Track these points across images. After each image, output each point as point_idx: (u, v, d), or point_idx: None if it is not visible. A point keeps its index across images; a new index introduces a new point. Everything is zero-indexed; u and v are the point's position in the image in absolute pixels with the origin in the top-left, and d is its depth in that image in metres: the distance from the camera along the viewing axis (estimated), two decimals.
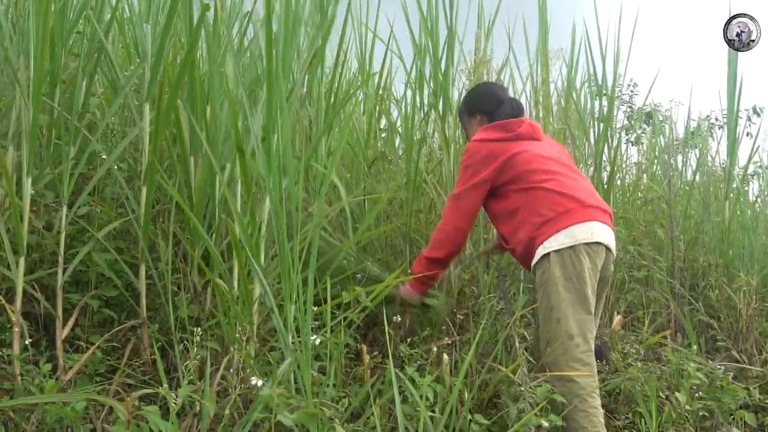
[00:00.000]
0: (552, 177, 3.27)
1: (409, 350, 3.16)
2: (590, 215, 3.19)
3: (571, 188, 3.25)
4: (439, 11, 4.27)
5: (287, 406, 2.45)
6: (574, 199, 3.20)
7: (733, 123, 5.36)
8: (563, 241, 3.13)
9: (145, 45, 3.23)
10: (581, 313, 3.08)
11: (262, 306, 2.99)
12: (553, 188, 3.23)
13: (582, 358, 3.04)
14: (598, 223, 3.19)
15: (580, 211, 3.18)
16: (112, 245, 3.18)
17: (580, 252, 3.12)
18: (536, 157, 3.35)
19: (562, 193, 3.21)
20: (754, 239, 5.29)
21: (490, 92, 3.70)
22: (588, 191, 3.32)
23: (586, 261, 3.12)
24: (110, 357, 3.04)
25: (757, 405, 3.83)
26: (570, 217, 3.16)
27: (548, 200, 3.21)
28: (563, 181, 3.26)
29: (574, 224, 3.15)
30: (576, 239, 3.13)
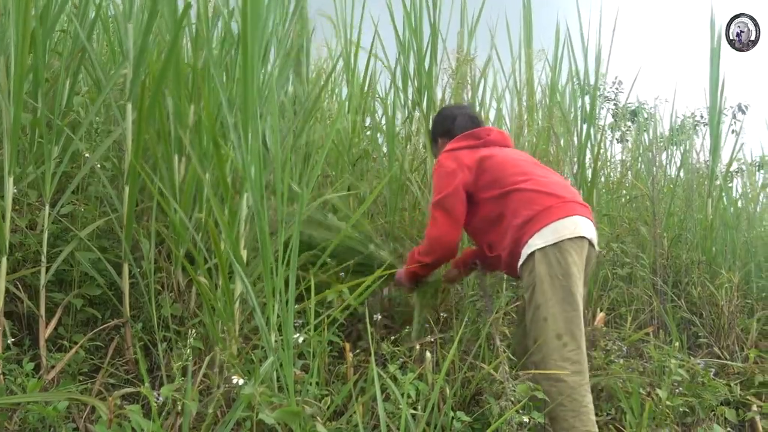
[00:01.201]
0: (527, 177, 3.28)
1: (392, 348, 3.17)
2: (572, 210, 3.18)
3: (547, 185, 3.25)
4: (422, 9, 4.29)
5: (269, 405, 2.45)
6: (554, 195, 3.21)
7: (715, 121, 5.40)
8: (548, 238, 3.12)
9: (127, 44, 3.23)
10: (569, 311, 3.06)
11: (245, 304, 3.00)
12: (531, 187, 3.24)
13: (570, 356, 3.02)
14: (579, 218, 3.19)
15: (561, 206, 3.18)
16: (96, 244, 3.19)
17: (565, 248, 3.10)
18: (508, 159, 3.39)
19: (540, 191, 3.22)
20: (736, 236, 5.33)
21: (444, 114, 3.78)
22: (564, 187, 3.33)
23: (572, 257, 3.10)
24: (93, 356, 3.05)
25: (738, 401, 3.86)
26: (552, 213, 3.16)
27: (527, 200, 3.22)
28: (538, 179, 3.28)
29: (557, 220, 3.14)
30: (560, 235, 3.11)
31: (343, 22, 4.63)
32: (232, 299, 2.87)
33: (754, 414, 3.69)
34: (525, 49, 4.77)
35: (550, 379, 2.99)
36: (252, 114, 2.66)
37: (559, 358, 3.02)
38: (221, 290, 2.85)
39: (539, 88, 5.26)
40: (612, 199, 5.68)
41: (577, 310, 3.08)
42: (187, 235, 3.04)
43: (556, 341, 3.03)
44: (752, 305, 4.91)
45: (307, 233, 3.57)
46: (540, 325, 3.08)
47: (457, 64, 4.35)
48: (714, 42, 5.40)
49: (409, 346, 3.30)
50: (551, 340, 3.04)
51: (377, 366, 2.68)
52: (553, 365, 3.01)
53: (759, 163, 7.45)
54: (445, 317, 3.70)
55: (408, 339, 3.44)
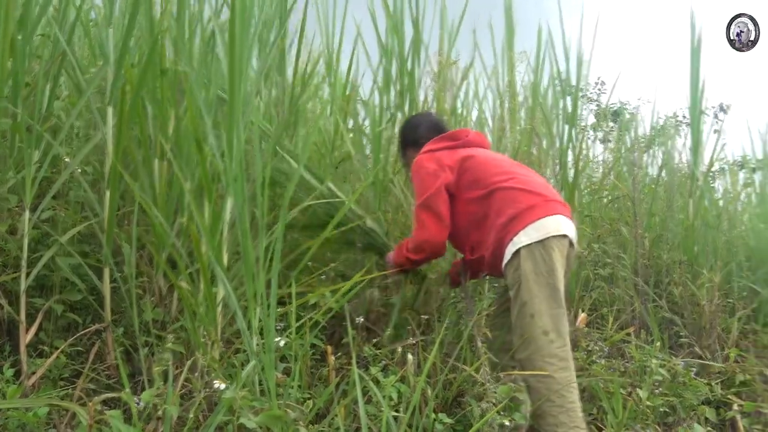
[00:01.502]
0: (510, 176, 3.30)
1: (374, 350, 3.17)
2: (555, 209, 3.21)
3: (530, 184, 3.28)
4: (405, 12, 4.31)
5: (251, 409, 2.45)
6: (536, 194, 3.23)
7: (696, 121, 5.43)
8: (533, 235, 3.14)
9: (107, 48, 3.22)
10: (554, 308, 3.09)
11: (227, 308, 3.00)
12: (514, 186, 3.26)
13: (558, 353, 3.04)
14: (561, 217, 3.22)
15: (544, 205, 3.20)
16: (77, 249, 3.17)
17: (550, 246, 3.13)
18: (488, 159, 3.42)
19: (524, 189, 3.24)
20: (717, 236, 5.36)
21: (409, 125, 3.83)
22: (545, 186, 3.35)
23: (557, 254, 3.13)
24: (74, 361, 3.04)
25: (719, 400, 3.89)
26: (536, 211, 3.18)
27: (510, 198, 3.24)
28: (521, 179, 3.30)
29: (542, 218, 3.16)
30: (546, 232, 3.14)
31: (326, 26, 4.64)
32: (214, 303, 2.87)
33: (734, 413, 3.71)
34: (507, 52, 4.79)
35: (537, 376, 3.01)
36: (236, 118, 2.66)
37: (547, 355, 3.04)
38: (203, 295, 2.85)
39: (522, 90, 5.28)
40: (594, 199, 5.70)
41: (561, 307, 3.11)
42: (169, 239, 3.03)
43: (543, 338, 3.05)
44: (733, 305, 4.93)
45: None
46: (527, 321, 3.10)
47: (440, 67, 4.36)
48: (694, 43, 5.43)
49: (390, 348, 3.31)
50: (538, 337, 3.06)
51: (359, 368, 2.68)
52: (541, 362, 3.03)
53: (740, 162, 7.49)
54: (427, 319, 3.71)
55: (389, 341, 3.45)
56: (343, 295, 3.17)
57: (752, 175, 6.83)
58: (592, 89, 9.88)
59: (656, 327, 4.42)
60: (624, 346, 4.15)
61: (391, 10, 4.36)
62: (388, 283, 3.88)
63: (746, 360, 4.23)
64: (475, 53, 4.88)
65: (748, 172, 7.12)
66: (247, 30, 2.75)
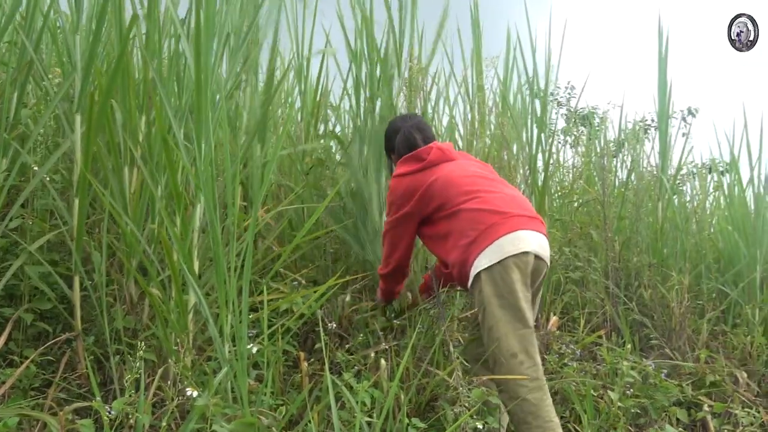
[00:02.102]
0: (472, 196, 3.28)
1: (347, 356, 3.18)
2: (514, 225, 3.17)
3: (492, 202, 3.24)
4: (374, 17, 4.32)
5: (224, 416, 2.45)
6: (496, 212, 3.19)
7: (664, 125, 5.48)
8: (492, 257, 3.12)
9: (74, 55, 3.20)
10: (520, 329, 3.07)
11: (199, 315, 2.99)
12: (474, 207, 3.24)
13: (529, 374, 3.02)
14: (523, 232, 3.17)
15: (503, 223, 3.17)
16: (46, 258, 3.15)
17: (509, 266, 3.10)
18: (453, 179, 3.36)
19: (483, 210, 3.21)
20: (686, 239, 5.41)
21: (389, 129, 3.78)
22: (511, 200, 3.30)
23: (516, 274, 3.10)
24: (45, 371, 3.01)
25: (689, 401, 3.92)
26: (494, 231, 3.15)
27: (470, 220, 3.22)
28: (484, 197, 3.26)
29: (500, 237, 3.13)
30: (503, 253, 3.11)
31: (295, 32, 4.63)
32: (186, 311, 2.86)
33: (705, 413, 3.75)
34: (475, 56, 4.81)
35: (512, 399, 3.01)
36: (205, 124, 2.66)
37: (518, 378, 3.02)
38: (174, 302, 2.84)
39: (491, 95, 5.30)
40: (564, 203, 5.74)
41: (528, 327, 3.09)
42: (139, 246, 3.02)
43: (512, 360, 3.04)
44: (703, 306, 4.98)
45: None
46: (494, 345, 3.09)
47: (410, 73, 4.36)
48: (662, 48, 5.50)
49: (363, 354, 3.31)
50: (508, 360, 3.05)
51: (333, 374, 2.68)
52: (513, 384, 3.02)
53: (709, 166, 7.56)
54: (400, 325, 3.71)
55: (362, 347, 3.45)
56: (316, 301, 3.18)
57: (721, 178, 6.90)
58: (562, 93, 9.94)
59: (627, 329, 4.45)
60: (595, 349, 4.18)
61: (359, 16, 4.37)
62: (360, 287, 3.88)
63: (716, 361, 4.27)
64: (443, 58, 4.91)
65: (717, 175, 7.19)
66: (212, 36, 2.75)
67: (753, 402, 4.07)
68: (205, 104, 2.66)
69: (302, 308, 3.08)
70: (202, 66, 2.61)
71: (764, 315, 4.88)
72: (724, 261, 5.57)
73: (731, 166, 5.97)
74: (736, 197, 5.79)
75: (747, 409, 3.80)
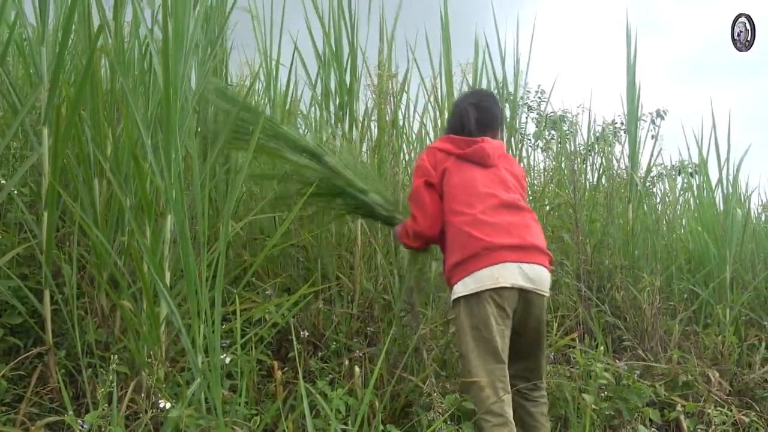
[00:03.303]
0: (467, 213, 3.22)
1: (320, 364, 3.18)
2: (498, 258, 3.12)
3: (482, 227, 3.18)
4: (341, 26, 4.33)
5: (197, 427, 2.44)
6: (482, 241, 3.14)
7: (633, 128, 5.53)
8: (470, 287, 3.11)
9: (41, 67, 3.18)
10: (490, 363, 3.06)
11: (171, 326, 2.97)
12: (464, 229, 3.19)
13: (493, 409, 3.01)
14: (508, 265, 3.12)
15: (485, 255, 3.13)
16: (16, 272, 3.12)
17: (485, 299, 3.09)
18: (462, 184, 3.31)
19: (471, 235, 3.16)
20: (657, 240, 5.46)
21: (460, 107, 3.60)
22: (505, 228, 3.20)
23: (491, 308, 3.08)
24: (16, 386, 2.98)
25: (662, 402, 3.95)
26: (475, 262, 3.13)
27: (459, 241, 3.20)
28: (479, 217, 3.20)
29: (479, 269, 3.11)
30: (480, 285, 3.09)
31: (263, 41, 4.63)
32: (158, 322, 2.84)
33: (677, 413, 3.78)
34: (444, 62, 4.82)
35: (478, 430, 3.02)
36: (173, 134, 2.65)
37: (484, 411, 3.02)
38: (146, 314, 2.83)
39: None
40: (535, 207, 5.76)
41: (500, 362, 3.08)
42: (110, 259, 3.00)
43: (479, 393, 3.04)
44: (674, 307, 5.02)
45: None
46: (466, 374, 3.09)
47: (379, 80, 4.38)
48: (630, 52, 5.55)
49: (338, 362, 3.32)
50: (475, 391, 3.05)
51: (307, 383, 2.68)
52: (480, 416, 3.02)
53: (678, 167, 7.63)
54: (373, 331, 3.72)
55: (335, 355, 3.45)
56: (288, 310, 3.17)
57: (690, 179, 6.96)
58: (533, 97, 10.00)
59: (600, 331, 4.48)
60: (569, 352, 4.20)
61: (327, 24, 4.38)
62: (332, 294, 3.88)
63: (688, 361, 4.30)
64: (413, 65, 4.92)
65: (686, 176, 7.25)
66: (181, 46, 2.74)
67: (725, 401, 4.11)
68: (174, 114, 2.65)
69: (275, 317, 3.08)
70: (170, 76, 2.61)
71: (735, 315, 4.93)
72: (694, 262, 5.63)
73: (700, 167, 6.03)
74: (705, 198, 5.85)
75: (719, 408, 3.84)
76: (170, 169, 2.66)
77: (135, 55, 3.44)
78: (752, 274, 5.57)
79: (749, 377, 4.45)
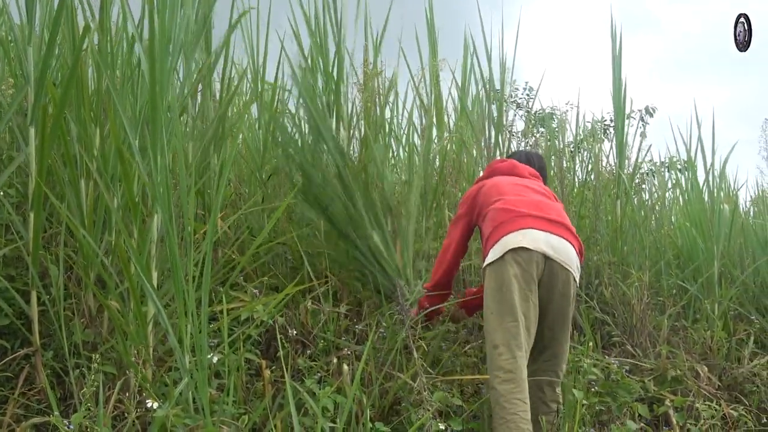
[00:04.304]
0: (502, 197, 3.42)
1: (308, 363, 3.17)
2: (524, 224, 3.25)
3: (515, 203, 3.36)
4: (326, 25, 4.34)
5: (185, 427, 2.44)
6: (511, 211, 3.30)
7: (620, 124, 5.54)
8: (496, 252, 3.22)
9: (27, 67, 3.17)
10: (508, 321, 3.11)
11: (158, 327, 2.97)
12: (498, 206, 3.37)
13: (503, 365, 3.05)
14: (532, 231, 3.23)
15: (512, 221, 3.26)
16: (2, 273, 3.12)
17: (508, 260, 3.17)
18: (496, 186, 3.52)
19: (501, 209, 3.34)
20: (645, 236, 5.47)
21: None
22: (536, 205, 3.37)
23: (514, 268, 3.16)
24: (3, 387, 2.97)
25: (652, 397, 3.96)
26: (504, 227, 3.26)
27: (491, 218, 3.35)
28: (510, 199, 3.39)
29: (506, 234, 3.23)
30: (504, 248, 3.20)
31: (250, 40, 4.63)
32: (145, 322, 2.84)
33: (666, 408, 3.78)
34: (431, 60, 4.83)
35: (489, 389, 3.08)
36: (160, 134, 2.65)
37: (494, 367, 3.08)
38: (133, 314, 2.82)
39: (450, 98, 5.33)
40: None
41: (515, 321, 3.12)
42: (97, 259, 2.99)
43: (493, 351, 3.10)
44: (663, 303, 5.02)
45: None
46: (485, 337, 3.21)
47: (365, 78, 4.37)
48: (615, 49, 5.55)
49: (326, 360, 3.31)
50: (489, 350, 3.13)
51: (295, 381, 2.68)
52: (490, 374, 3.08)
53: (667, 164, 7.64)
54: (362, 329, 3.72)
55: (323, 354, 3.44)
56: (276, 308, 3.17)
57: (678, 175, 6.97)
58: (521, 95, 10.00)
59: (588, 327, 4.48)
60: None
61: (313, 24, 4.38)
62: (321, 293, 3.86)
63: (677, 356, 4.31)
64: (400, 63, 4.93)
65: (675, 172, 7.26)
66: (166, 46, 2.74)
67: (714, 395, 4.12)
68: (160, 114, 2.65)
69: (262, 315, 3.08)
70: (157, 75, 2.60)
71: (723, 309, 4.95)
72: (683, 257, 5.64)
73: (688, 163, 6.04)
74: (693, 194, 5.86)
75: (708, 403, 3.85)
76: (157, 169, 2.66)
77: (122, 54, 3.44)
78: (740, 269, 5.58)
79: (738, 372, 4.46)
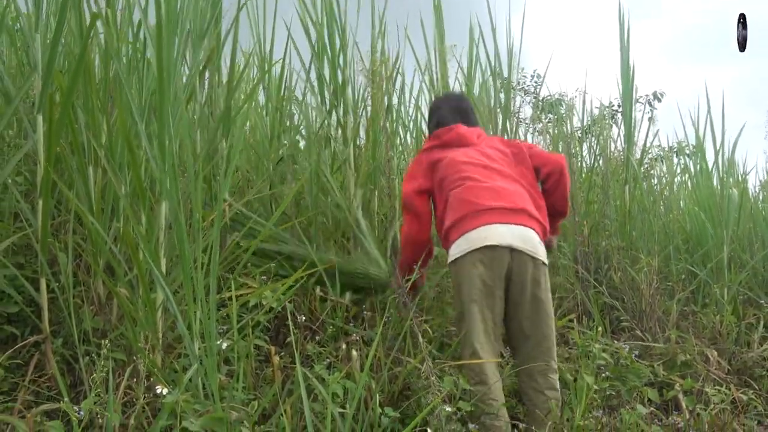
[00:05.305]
0: (461, 183, 3.39)
1: (317, 348, 3.18)
2: (485, 219, 3.25)
3: (475, 191, 3.34)
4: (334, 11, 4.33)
5: (194, 412, 2.44)
6: (472, 204, 3.30)
7: (628, 108, 5.53)
8: (463, 248, 3.24)
9: (35, 55, 3.17)
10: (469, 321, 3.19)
11: (168, 313, 2.97)
12: (458, 195, 3.36)
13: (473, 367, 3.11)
14: (495, 226, 3.24)
15: (474, 217, 3.27)
16: (12, 260, 3.12)
17: (473, 260, 3.20)
18: (455, 163, 3.48)
19: (463, 200, 3.33)
20: (654, 221, 5.46)
21: (431, 108, 3.93)
22: (496, 192, 3.35)
23: (478, 268, 3.19)
24: (14, 374, 2.98)
25: (661, 382, 3.96)
26: (465, 224, 3.28)
27: (453, 207, 3.36)
28: (470, 185, 3.37)
29: (469, 231, 3.25)
30: (470, 245, 3.22)
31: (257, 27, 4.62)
32: (154, 309, 2.84)
33: (676, 392, 3.77)
34: (438, 46, 4.81)
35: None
36: (167, 121, 2.64)
37: (466, 368, 3.12)
38: (142, 300, 2.82)
39: (457, 84, 5.31)
40: None
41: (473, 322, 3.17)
42: (106, 246, 3.00)
43: (465, 351, 3.18)
44: (672, 287, 5.02)
45: None
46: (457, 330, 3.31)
47: (372, 65, 4.37)
48: (623, 36, 5.53)
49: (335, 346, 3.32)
50: (462, 349, 3.21)
51: (305, 367, 2.68)
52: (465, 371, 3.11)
53: (676, 149, 7.64)
54: (371, 315, 3.72)
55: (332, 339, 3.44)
56: (284, 294, 3.18)
57: (687, 160, 6.96)
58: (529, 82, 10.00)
59: (598, 312, 4.48)
60: (567, 333, 4.20)
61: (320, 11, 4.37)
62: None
63: (686, 341, 4.31)
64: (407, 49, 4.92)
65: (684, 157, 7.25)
66: (173, 32, 2.73)
67: (724, 380, 4.12)
68: (167, 100, 2.65)
69: (271, 301, 3.08)
70: (164, 62, 2.60)
71: (733, 294, 4.94)
72: (692, 242, 5.63)
73: (697, 147, 6.02)
74: (702, 178, 5.84)
75: (718, 387, 3.85)
76: (164, 156, 2.66)
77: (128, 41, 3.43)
78: (750, 253, 5.57)
79: (747, 356, 4.46)
